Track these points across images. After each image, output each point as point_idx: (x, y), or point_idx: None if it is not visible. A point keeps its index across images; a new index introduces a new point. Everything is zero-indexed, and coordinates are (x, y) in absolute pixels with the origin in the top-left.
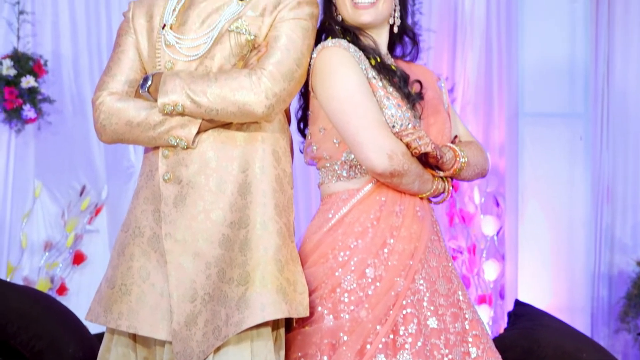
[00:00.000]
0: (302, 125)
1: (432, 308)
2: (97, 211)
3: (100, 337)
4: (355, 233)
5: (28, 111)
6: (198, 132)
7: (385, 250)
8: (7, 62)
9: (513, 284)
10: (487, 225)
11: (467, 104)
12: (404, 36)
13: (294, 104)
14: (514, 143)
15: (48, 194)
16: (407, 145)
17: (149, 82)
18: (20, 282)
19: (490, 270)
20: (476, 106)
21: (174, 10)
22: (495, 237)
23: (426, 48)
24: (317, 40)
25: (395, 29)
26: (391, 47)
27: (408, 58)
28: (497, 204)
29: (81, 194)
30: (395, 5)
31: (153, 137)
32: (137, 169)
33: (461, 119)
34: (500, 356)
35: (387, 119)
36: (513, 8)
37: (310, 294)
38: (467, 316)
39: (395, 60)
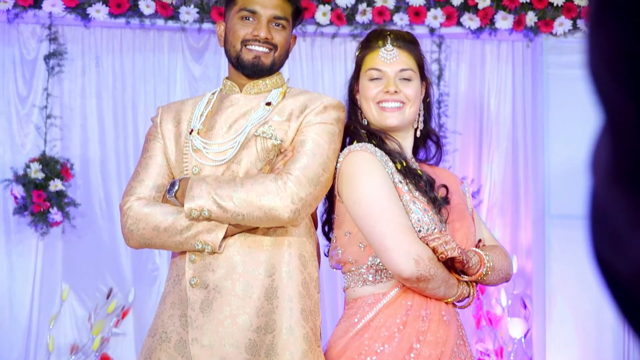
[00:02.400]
0: (327, 229)
1: None
2: (124, 314)
3: None
4: (382, 338)
5: (55, 214)
6: (225, 237)
7: (412, 355)
8: (36, 166)
9: None
10: (515, 328)
11: (494, 206)
12: (427, 140)
13: (320, 208)
14: (540, 245)
15: (75, 297)
16: (434, 250)
17: (176, 187)
18: None
19: None
20: (503, 208)
21: (202, 115)
22: (522, 340)
23: (452, 150)
24: (342, 144)
25: (418, 133)
26: (415, 151)
27: (432, 162)
28: (525, 306)
29: (108, 296)
30: (420, 110)
31: (180, 242)
32: (161, 272)
33: (488, 221)
34: None
35: (413, 223)
36: (539, 109)
37: None
38: None
39: (419, 163)
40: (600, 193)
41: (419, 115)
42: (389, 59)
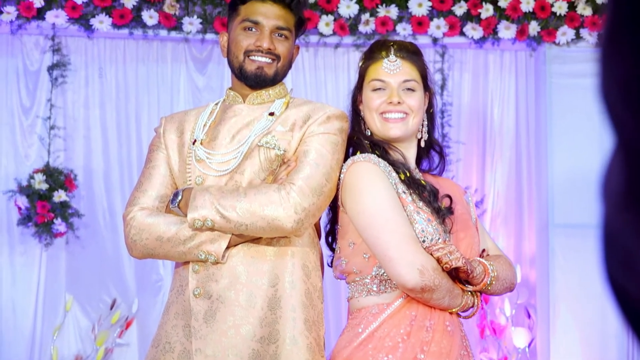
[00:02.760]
0: (330, 239)
1: None
2: (128, 325)
3: None
4: (386, 348)
5: (59, 225)
6: (228, 247)
7: None
8: (39, 177)
9: None
10: (519, 338)
11: (497, 216)
12: (430, 150)
13: (323, 218)
14: (544, 254)
15: (79, 308)
16: (438, 260)
17: (179, 198)
18: None
19: None
20: (506, 217)
21: (205, 125)
22: (527, 349)
23: (455, 160)
24: (345, 154)
25: (422, 143)
26: (418, 161)
27: (435, 172)
28: (529, 316)
29: (112, 307)
30: (424, 120)
31: (183, 252)
32: (165, 283)
33: (491, 230)
34: None
35: (417, 233)
36: (542, 119)
37: None
38: None
39: (423, 174)
40: (612, 217)
41: (423, 125)
42: (392, 70)
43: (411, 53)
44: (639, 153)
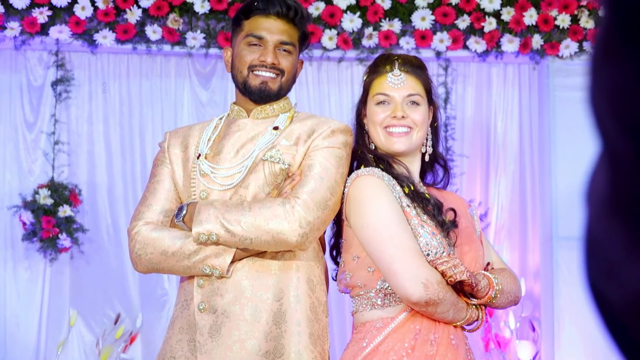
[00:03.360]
0: (334, 253)
1: None
2: (132, 339)
3: None
4: None
5: (64, 240)
6: (232, 261)
7: None
8: (44, 192)
9: None
10: (523, 351)
11: (501, 229)
12: (435, 164)
13: (328, 232)
14: (548, 267)
15: (83, 323)
16: (443, 274)
17: (184, 212)
18: None
19: None
20: (510, 230)
21: (209, 140)
22: None
23: (459, 173)
24: (350, 168)
25: (427, 157)
26: (422, 175)
27: (439, 185)
28: (533, 329)
29: (116, 322)
30: (428, 134)
31: (188, 267)
32: (170, 297)
33: (495, 243)
34: None
35: (421, 247)
36: (546, 132)
37: None
38: None
39: (427, 187)
40: (595, 223)
41: (427, 139)
42: (397, 84)
43: (415, 67)
44: (624, 164)
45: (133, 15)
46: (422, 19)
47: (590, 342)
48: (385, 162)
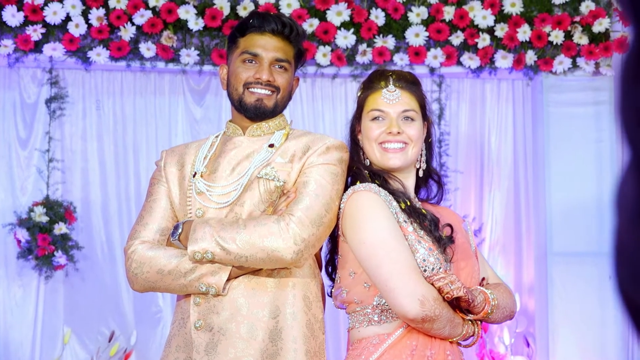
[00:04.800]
0: (330, 269)
1: None
2: (126, 357)
3: None
4: None
5: (59, 258)
6: (228, 279)
7: None
8: (40, 209)
9: None
10: None
11: (496, 244)
12: (429, 179)
13: (323, 248)
14: (543, 283)
15: (77, 340)
16: (439, 290)
17: (180, 230)
18: None
19: None
20: (505, 246)
21: (205, 158)
22: None
23: (453, 189)
24: (345, 184)
25: (421, 173)
26: (416, 190)
27: (433, 201)
28: (528, 345)
29: (110, 339)
30: (422, 150)
31: (184, 285)
32: (164, 314)
33: (490, 259)
34: None
35: (418, 263)
36: (539, 148)
37: None
38: None
39: (422, 203)
40: (624, 231)
41: (421, 155)
42: (392, 100)
43: (410, 83)
44: None
45: (127, 33)
46: (416, 35)
47: (585, 357)
48: (380, 177)
